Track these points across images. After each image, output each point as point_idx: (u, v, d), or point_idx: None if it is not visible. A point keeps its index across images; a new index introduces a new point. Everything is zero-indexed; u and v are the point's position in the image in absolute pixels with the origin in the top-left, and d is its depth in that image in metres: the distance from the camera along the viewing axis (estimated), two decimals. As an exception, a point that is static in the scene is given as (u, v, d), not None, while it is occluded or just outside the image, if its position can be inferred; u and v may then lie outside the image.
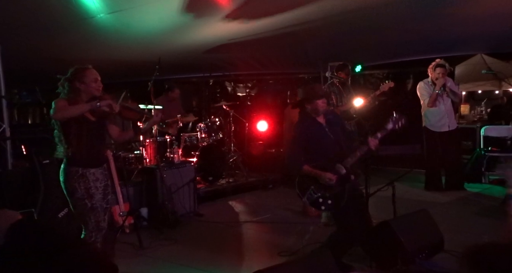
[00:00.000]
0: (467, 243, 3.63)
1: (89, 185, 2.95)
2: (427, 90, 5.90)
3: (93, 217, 2.97)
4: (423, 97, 5.95)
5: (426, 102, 5.88)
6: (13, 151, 5.14)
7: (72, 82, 2.94)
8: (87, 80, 2.94)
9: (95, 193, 2.98)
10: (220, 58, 7.44)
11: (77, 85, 2.93)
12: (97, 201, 2.99)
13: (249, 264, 3.72)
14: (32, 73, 7.37)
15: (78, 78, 2.93)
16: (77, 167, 2.94)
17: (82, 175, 2.94)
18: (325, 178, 3.24)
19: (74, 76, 2.94)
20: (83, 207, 2.95)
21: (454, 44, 6.99)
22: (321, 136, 3.41)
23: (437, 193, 5.97)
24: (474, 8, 4.99)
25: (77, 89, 2.93)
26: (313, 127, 3.43)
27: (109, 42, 5.51)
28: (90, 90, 2.96)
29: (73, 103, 2.90)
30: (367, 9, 4.85)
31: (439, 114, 5.90)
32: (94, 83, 2.96)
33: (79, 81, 2.93)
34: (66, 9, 4.20)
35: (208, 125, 6.46)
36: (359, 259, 3.52)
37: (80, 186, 2.93)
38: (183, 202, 5.21)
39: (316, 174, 3.28)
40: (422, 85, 5.98)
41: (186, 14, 4.61)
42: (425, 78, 6.05)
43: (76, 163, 2.94)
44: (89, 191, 2.95)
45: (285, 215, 5.07)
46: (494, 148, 6.47)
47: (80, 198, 2.94)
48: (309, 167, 3.31)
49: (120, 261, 3.65)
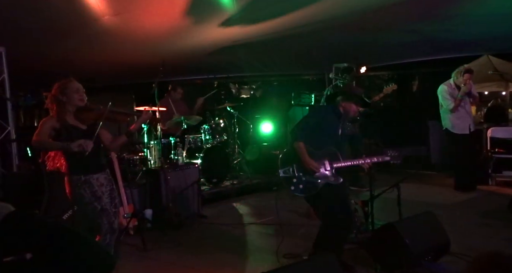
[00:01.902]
0: (474, 246, 3.60)
1: (95, 188, 2.99)
2: (452, 94, 5.86)
3: (105, 219, 3.00)
4: (447, 101, 5.89)
5: (451, 107, 5.83)
6: (18, 153, 5.17)
7: (55, 96, 2.99)
8: (69, 92, 2.99)
9: (102, 196, 3.01)
10: (225, 60, 7.45)
11: (61, 98, 2.98)
12: (106, 203, 3.02)
13: (253, 266, 3.71)
14: (37, 75, 7.41)
15: (60, 90, 2.99)
16: (79, 175, 2.97)
17: (85, 181, 2.98)
18: (309, 165, 3.30)
19: (56, 90, 3.00)
20: (94, 210, 2.98)
21: (460, 45, 6.95)
22: (332, 130, 3.44)
23: (443, 195, 5.94)
24: (481, 9, 4.95)
25: (61, 102, 2.98)
26: (331, 118, 3.46)
27: (113, 44, 5.53)
28: (73, 101, 3.00)
29: (60, 118, 2.95)
30: (372, 10, 4.83)
31: (462, 117, 5.89)
32: (76, 93, 3.01)
33: (61, 94, 2.98)
34: (71, 11, 4.22)
35: (212, 126, 6.46)
36: (363, 261, 3.49)
37: (86, 192, 2.97)
38: (187, 204, 5.20)
39: (304, 157, 3.32)
40: (445, 88, 5.91)
41: (190, 16, 4.62)
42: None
43: (76, 171, 2.98)
44: (95, 194, 2.99)
45: (289, 217, 5.04)
46: (501, 149, 6.41)
47: (88, 203, 2.97)
48: (303, 146, 3.34)
49: (124, 262, 3.66)
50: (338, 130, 3.45)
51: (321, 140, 3.40)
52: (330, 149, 3.40)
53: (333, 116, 3.48)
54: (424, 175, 7.20)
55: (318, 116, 3.51)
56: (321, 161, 3.36)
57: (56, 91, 2.99)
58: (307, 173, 3.34)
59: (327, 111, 3.54)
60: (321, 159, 3.37)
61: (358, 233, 4.03)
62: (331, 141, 3.42)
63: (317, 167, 3.31)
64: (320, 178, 3.34)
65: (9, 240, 2.35)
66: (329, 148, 3.40)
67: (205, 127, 6.43)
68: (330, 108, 3.57)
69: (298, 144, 3.35)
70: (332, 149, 3.40)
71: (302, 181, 3.35)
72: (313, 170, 3.31)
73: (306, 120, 3.52)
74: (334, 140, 3.43)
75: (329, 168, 3.36)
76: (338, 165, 3.37)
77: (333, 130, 3.44)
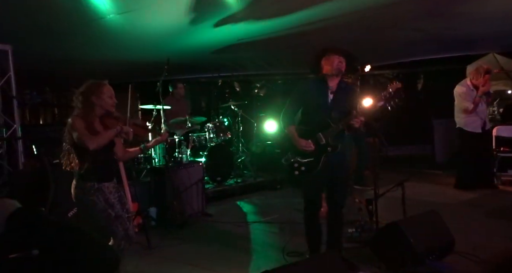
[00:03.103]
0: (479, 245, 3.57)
1: (107, 196, 2.95)
2: (471, 94, 5.86)
3: (120, 226, 2.96)
4: (466, 102, 5.88)
5: (470, 108, 5.84)
6: (24, 151, 5.20)
7: (88, 97, 2.94)
8: (104, 96, 2.97)
9: (114, 202, 2.98)
10: (229, 58, 7.45)
11: (93, 100, 2.94)
12: (119, 210, 2.99)
13: (257, 264, 3.71)
14: (42, 73, 7.44)
15: (95, 93, 2.95)
16: (93, 182, 2.93)
17: (98, 189, 2.94)
18: (300, 145, 3.27)
19: (91, 91, 2.96)
20: (108, 217, 2.93)
21: (465, 43, 6.91)
22: (319, 100, 3.32)
23: (448, 194, 5.92)
24: (486, 7, 4.92)
25: (92, 104, 2.95)
26: (315, 88, 3.34)
27: (118, 42, 5.54)
28: (106, 106, 2.99)
29: (88, 119, 2.91)
30: (377, 9, 4.81)
31: (477, 115, 5.91)
32: (110, 99, 3.00)
33: (96, 96, 2.95)
34: (76, 10, 4.23)
35: (217, 125, 6.47)
36: (367, 260, 3.49)
37: (99, 199, 2.92)
38: (191, 202, 5.21)
39: (294, 139, 3.30)
40: (464, 90, 5.91)
41: (194, 14, 4.62)
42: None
43: (91, 178, 2.93)
44: (108, 201, 2.95)
45: (293, 215, 5.05)
46: (506, 148, 6.37)
47: (102, 210, 2.92)
48: (293, 129, 3.33)
49: (128, 260, 3.67)
50: (327, 96, 3.31)
51: (310, 115, 3.34)
52: (319, 120, 3.30)
53: (318, 85, 3.34)
54: (428, 174, 7.18)
55: (299, 93, 3.39)
56: (313, 136, 3.28)
57: (90, 92, 2.95)
58: (303, 154, 3.29)
59: (309, 84, 3.42)
60: (312, 134, 3.29)
61: (362, 231, 4.03)
62: (321, 113, 3.30)
63: (306, 146, 3.25)
64: (316, 153, 3.27)
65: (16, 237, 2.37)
66: (318, 120, 3.30)
67: (209, 126, 6.44)
68: (312, 80, 3.42)
69: (288, 130, 3.36)
70: (321, 119, 3.29)
71: (303, 163, 3.30)
72: (305, 147, 3.25)
73: (289, 102, 3.43)
74: (324, 109, 3.30)
75: (323, 140, 3.27)
76: (330, 133, 3.26)
77: (321, 100, 3.31)
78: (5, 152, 5.08)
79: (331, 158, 3.30)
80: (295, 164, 3.32)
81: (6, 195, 4.60)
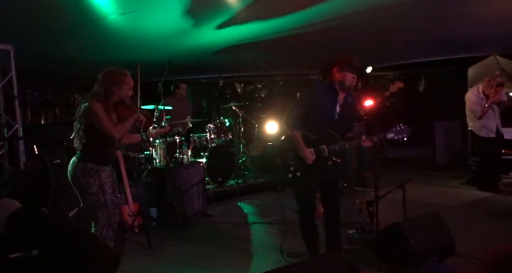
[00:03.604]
0: (479, 246, 3.58)
1: (102, 181, 3.05)
2: (479, 103, 5.92)
3: (105, 213, 3.06)
4: (474, 110, 5.97)
5: (478, 115, 5.92)
6: (26, 151, 5.21)
7: (109, 85, 3.02)
8: (125, 88, 3.07)
9: (107, 189, 3.07)
10: (230, 59, 7.45)
11: (114, 89, 3.03)
12: (108, 195, 3.08)
13: (257, 265, 3.71)
14: (44, 73, 7.46)
15: (117, 83, 3.03)
16: (94, 164, 3.03)
17: (97, 172, 3.04)
18: (303, 154, 3.25)
19: (113, 81, 3.03)
20: (97, 202, 3.03)
21: (467, 45, 6.90)
22: (328, 111, 3.29)
23: (449, 195, 5.91)
24: (488, 9, 4.92)
25: (111, 92, 3.03)
26: (326, 98, 3.29)
27: (120, 43, 5.55)
28: (123, 96, 3.09)
29: (105, 105, 2.99)
30: (379, 10, 4.81)
31: (489, 120, 5.94)
32: (129, 90, 3.11)
33: (117, 87, 3.03)
34: (78, 10, 4.25)
35: (218, 126, 6.47)
36: (368, 261, 3.49)
37: (95, 182, 3.02)
38: (192, 203, 5.21)
39: (299, 146, 3.27)
40: (474, 98, 5.97)
41: (195, 15, 4.63)
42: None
43: (93, 160, 3.03)
44: (103, 187, 3.05)
45: (294, 216, 5.01)
46: (508, 151, 6.36)
47: (94, 193, 3.02)
48: (298, 135, 3.29)
49: (129, 260, 3.69)
50: (335, 109, 3.29)
51: (317, 123, 3.28)
52: (327, 133, 3.26)
53: (328, 93, 3.29)
54: (429, 176, 7.17)
55: (311, 99, 3.32)
56: (318, 147, 3.26)
57: (112, 81, 3.02)
58: (303, 161, 3.28)
59: (320, 90, 3.33)
60: (318, 145, 3.27)
61: (363, 233, 4.03)
62: (328, 123, 3.27)
63: (310, 158, 3.24)
64: (315, 163, 3.27)
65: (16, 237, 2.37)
66: (325, 131, 3.27)
67: (211, 126, 6.44)
68: (324, 85, 3.35)
69: (293, 134, 3.30)
70: (328, 132, 3.26)
71: (299, 169, 3.30)
72: (307, 159, 3.25)
73: (297, 105, 3.34)
74: (331, 121, 3.28)
75: (326, 153, 3.26)
76: (335, 149, 3.24)
77: (330, 110, 3.28)
78: (6, 152, 5.09)
79: (328, 167, 3.30)
80: (291, 167, 3.33)
81: (7, 195, 4.61)
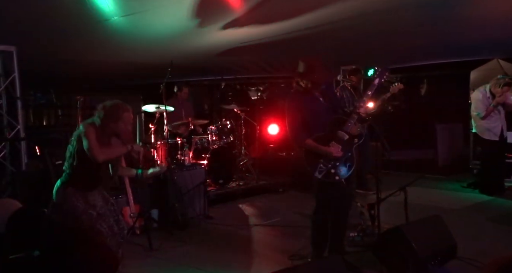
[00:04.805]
0: (481, 250, 3.56)
1: (88, 198, 2.98)
2: (485, 102, 5.86)
3: (104, 223, 2.99)
4: (479, 109, 5.90)
5: (482, 115, 5.85)
6: (27, 152, 5.22)
7: (106, 119, 2.95)
8: (120, 123, 2.99)
9: (96, 203, 3.01)
10: (232, 61, 7.46)
11: (109, 122, 2.96)
12: (101, 207, 3.02)
13: (259, 267, 3.71)
14: (46, 75, 7.48)
15: (113, 120, 2.96)
16: (77, 189, 2.97)
17: (81, 195, 2.98)
18: (328, 152, 3.21)
19: (110, 117, 2.96)
20: (90, 217, 2.94)
21: (469, 49, 6.90)
22: (316, 107, 3.31)
23: (451, 198, 5.90)
24: (491, 12, 4.92)
25: (106, 124, 2.97)
26: (308, 100, 3.33)
27: (122, 44, 5.56)
28: (120, 131, 3.01)
29: (99, 133, 2.93)
30: (381, 13, 4.81)
31: (495, 123, 5.89)
32: (125, 126, 3.02)
33: (113, 123, 2.96)
34: (81, 12, 4.26)
35: (219, 128, 6.47)
36: (369, 264, 3.48)
37: (79, 201, 2.94)
38: (194, 205, 5.21)
39: (319, 149, 3.23)
40: (480, 97, 5.90)
41: (198, 17, 4.64)
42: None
43: (78, 186, 2.97)
44: (89, 202, 2.97)
45: (295, 218, 5.04)
46: (510, 154, 6.34)
47: (83, 211, 2.93)
48: (312, 142, 3.26)
49: (130, 262, 3.68)
50: (321, 103, 3.32)
51: (317, 121, 3.29)
52: (332, 121, 3.28)
53: (306, 95, 3.34)
54: (431, 179, 7.15)
55: (297, 106, 3.35)
56: (335, 137, 3.24)
57: (109, 116, 2.95)
58: (335, 159, 3.25)
59: (299, 97, 3.38)
60: (333, 136, 3.25)
61: (365, 236, 4.02)
62: (326, 114, 3.30)
63: (336, 150, 3.21)
64: (347, 149, 3.25)
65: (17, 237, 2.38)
66: (332, 120, 3.29)
67: (212, 128, 6.44)
68: (298, 92, 3.41)
69: (306, 143, 3.28)
70: (332, 120, 3.29)
71: (338, 166, 3.26)
72: (336, 153, 3.21)
73: (292, 117, 3.37)
74: (325, 114, 3.31)
75: (346, 136, 3.23)
76: (350, 126, 3.22)
77: (317, 106, 3.32)
78: (8, 153, 5.10)
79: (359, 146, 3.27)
80: (332, 170, 3.25)
81: (9, 196, 4.62)
